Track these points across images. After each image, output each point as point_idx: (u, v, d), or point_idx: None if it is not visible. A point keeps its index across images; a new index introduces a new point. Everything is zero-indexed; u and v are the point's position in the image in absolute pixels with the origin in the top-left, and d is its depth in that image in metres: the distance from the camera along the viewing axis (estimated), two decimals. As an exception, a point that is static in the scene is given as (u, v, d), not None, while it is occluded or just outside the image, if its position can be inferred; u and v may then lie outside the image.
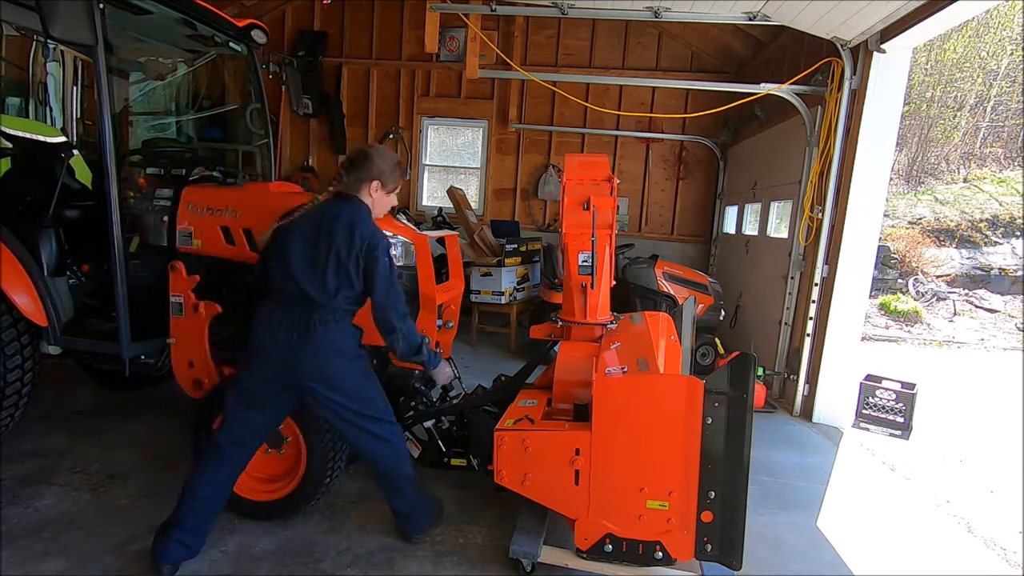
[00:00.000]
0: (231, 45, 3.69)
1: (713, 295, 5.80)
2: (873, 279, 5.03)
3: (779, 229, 5.68)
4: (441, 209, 7.57)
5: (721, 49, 7.28)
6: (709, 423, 2.00)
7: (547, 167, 7.85)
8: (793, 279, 4.91)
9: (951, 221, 12.66)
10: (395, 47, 7.95)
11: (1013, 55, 15.05)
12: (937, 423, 4.83)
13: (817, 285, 4.54)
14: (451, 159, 8.31)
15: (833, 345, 4.43)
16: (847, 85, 4.32)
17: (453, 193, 6.43)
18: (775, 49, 6.10)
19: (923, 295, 10.72)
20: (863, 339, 6.11)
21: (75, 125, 4.51)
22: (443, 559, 2.46)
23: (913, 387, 4.56)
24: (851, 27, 4.10)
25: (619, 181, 3.00)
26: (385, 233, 2.91)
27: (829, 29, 4.23)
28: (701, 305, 5.60)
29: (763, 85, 4.79)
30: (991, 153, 15.51)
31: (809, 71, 4.61)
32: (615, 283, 3.18)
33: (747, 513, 2.02)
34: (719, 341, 5.68)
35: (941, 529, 3.14)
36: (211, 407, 2.58)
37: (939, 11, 3.45)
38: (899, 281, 11.09)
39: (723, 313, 5.90)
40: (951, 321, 10.13)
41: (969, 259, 11.83)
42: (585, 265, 2.94)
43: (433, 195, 8.29)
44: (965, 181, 14.49)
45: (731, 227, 7.17)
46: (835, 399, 4.52)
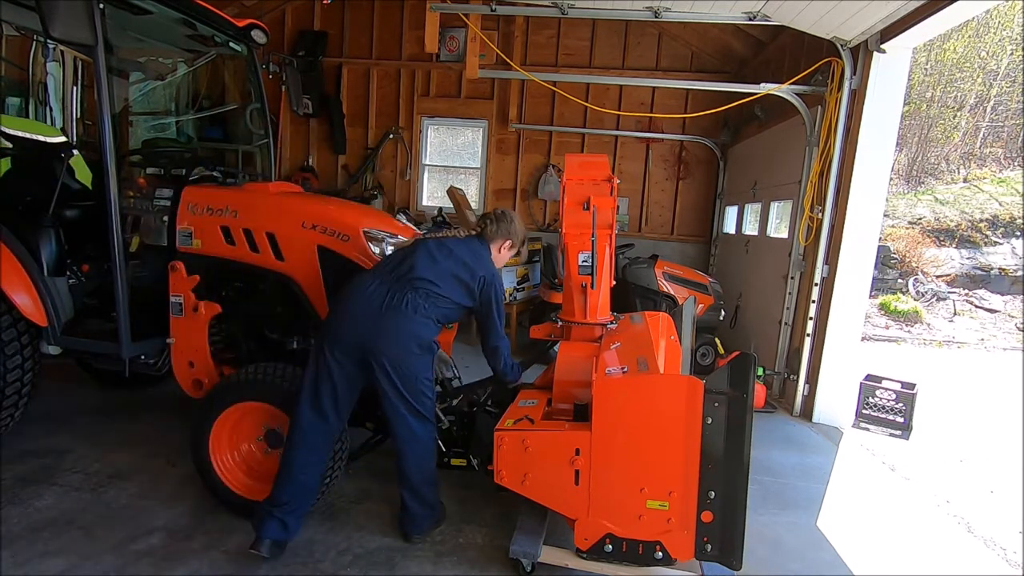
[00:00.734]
0: (231, 45, 3.68)
1: (713, 295, 5.80)
2: (873, 279, 5.03)
3: (779, 229, 5.68)
4: (441, 209, 7.56)
5: (721, 49, 7.28)
6: (709, 423, 2.00)
7: (547, 167, 7.84)
8: (793, 279, 4.91)
9: (951, 221, 12.66)
10: (395, 47, 7.94)
11: (1013, 55, 15.06)
12: (937, 423, 4.83)
13: (817, 285, 4.54)
14: (451, 159, 8.30)
15: (833, 345, 4.43)
16: (847, 85, 4.32)
17: (453, 193, 6.43)
18: (775, 49, 6.09)
19: (923, 295, 10.72)
20: (863, 339, 6.11)
21: (75, 125, 4.50)
22: (443, 559, 2.46)
23: (913, 387, 4.56)
24: (851, 27, 4.10)
25: (619, 181, 3.00)
26: (385, 233, 2.93)
27: (829, 29, 4.23)
28: (701, 305, 5.60)
29: (763, 85, 4.79)
30: (991, 153, 15.51)
31: (809, 71, 4.61)
32: (615, 283, 3.18)
33: (747, 513, 2.02)
34: (719, 341, 5.68)
35: (941, 529, 3.14)
36: (211, 407, 2.58)
37: (939, 11, 3.45)
38: (899, 281, 11.09)
39: (723, 313, 5.90)
40: (951, 321, 10.13)
41: (969, 259, 11.83)
42: (585, 265, 2.94)
43: (433, 195, 8.28)
44: (965, 181, 14.49)
45: (731, 227, 7.16)
46: (835, 399, 4.52)
